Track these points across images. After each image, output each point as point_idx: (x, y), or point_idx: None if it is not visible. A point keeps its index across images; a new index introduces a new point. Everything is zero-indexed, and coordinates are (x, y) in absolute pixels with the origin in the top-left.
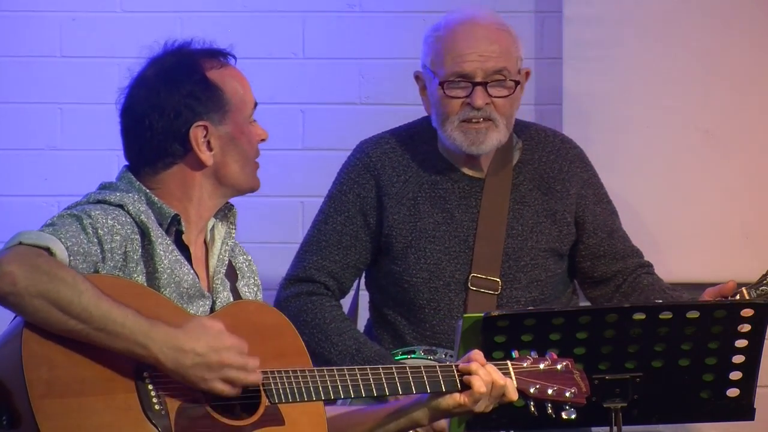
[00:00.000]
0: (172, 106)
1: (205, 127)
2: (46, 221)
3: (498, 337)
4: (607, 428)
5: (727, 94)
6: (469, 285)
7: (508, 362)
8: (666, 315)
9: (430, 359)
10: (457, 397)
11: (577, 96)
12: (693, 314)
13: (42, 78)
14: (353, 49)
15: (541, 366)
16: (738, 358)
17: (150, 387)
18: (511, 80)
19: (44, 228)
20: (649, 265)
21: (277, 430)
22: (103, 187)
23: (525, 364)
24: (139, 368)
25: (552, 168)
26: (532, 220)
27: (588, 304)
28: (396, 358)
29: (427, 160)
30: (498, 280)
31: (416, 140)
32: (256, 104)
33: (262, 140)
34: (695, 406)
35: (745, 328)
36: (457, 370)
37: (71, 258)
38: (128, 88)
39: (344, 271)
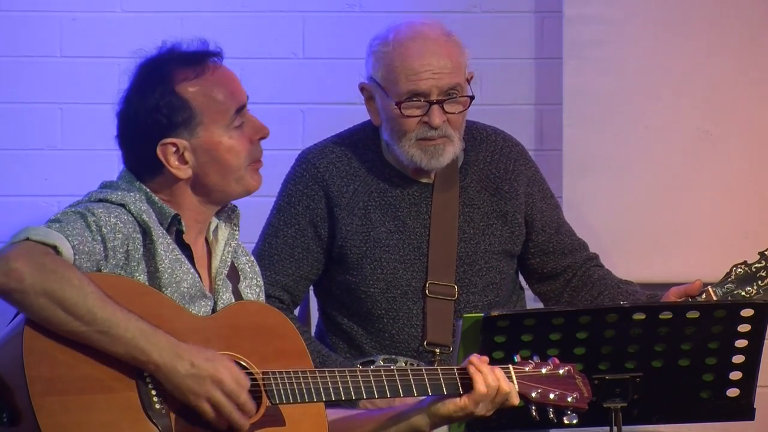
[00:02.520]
0: (142, 120)
1: (174, 144)
2: (50, 217)
3: (498, 337)
4: (607, 428)
5: (727, 94)
6: (426, 292)
7: (510, 366)
8: (666, 315)
9: (393, 367)
10: (458, 401)
11: (577, 96)
12: (693, 314)
13: (42, 78)
14: (353, 49)
15: (543, 371)
16: (738, 358)
17: (150, 386)
18: (464, 96)
19: (50, 224)
20: (596, 257)
21: (277, 430)
22: (105, 186)
23: (527, 369)
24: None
25: (498, 168)
26: (482, 222)
27: (538, 302)
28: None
29: (374, 167)
30: (454, 285)
31: (361, 147)
32: (242, 106)
33: (261, 138)
34: (695, 406)
35: (745, 328)
36: (459, 373)
37: (77, 257)
38: (124, 92)
39: (297, 284)
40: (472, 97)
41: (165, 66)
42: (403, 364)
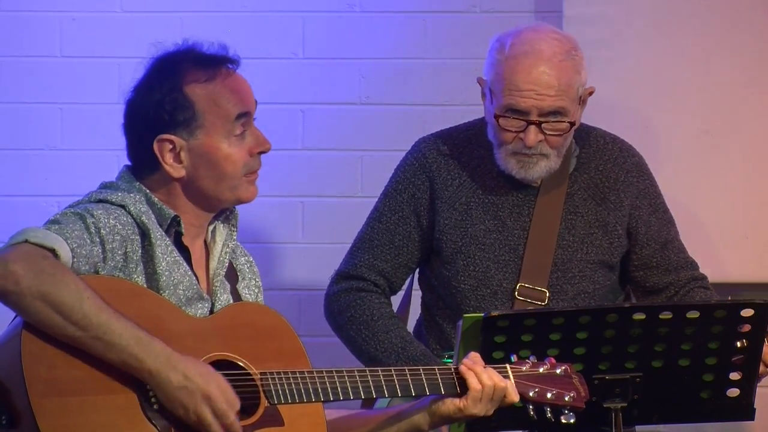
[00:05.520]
0: (144, 113)
1: (171, 141)
2: (49, 218)
3: (498, 337)
4: (607, 428)
5: (727, 94)
6: (516, 294)
7: (507, 366)
8: (666, 315)
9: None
10: (457, 401)
11: None
12: (693, 314)
13: (42, 78)
14: (353, 49)
15: (540, 370)
16: (738, 358)
17: (149, 386)
18: (566, 122)
19: (49, 225)
20: (704, 278)
21: (276, 430)
22: (105, 186)
23: (524, 368)
24: None
25: (608, 177)
26: (583, 231)
27: None
28: (443, 360)
29: (482, 165)
30: (545, 290)
31: (473, 143)
32: (245, 114)
33: (261, 152)
34: (695, 406)
35: (745, 328)
36: (456, 374)
37: (75, 259)
38: (136, 81)
39: (395, 270)
40: (572, 123)
41: (179, 64)
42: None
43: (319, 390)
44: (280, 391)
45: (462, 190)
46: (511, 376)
